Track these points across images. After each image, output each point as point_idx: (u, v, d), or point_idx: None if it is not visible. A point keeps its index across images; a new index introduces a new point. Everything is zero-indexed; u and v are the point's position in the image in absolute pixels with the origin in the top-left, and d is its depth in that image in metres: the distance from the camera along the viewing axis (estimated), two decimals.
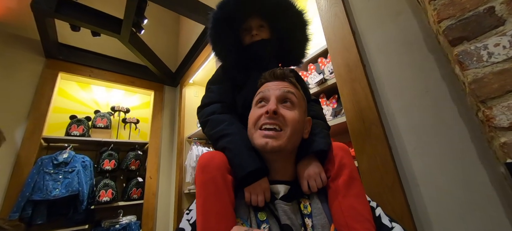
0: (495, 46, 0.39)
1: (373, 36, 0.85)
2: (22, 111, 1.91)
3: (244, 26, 0.72)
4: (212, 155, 0.51)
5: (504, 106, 0.38)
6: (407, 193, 0.69)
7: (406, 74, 0.74)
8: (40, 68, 2.07)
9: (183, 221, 0.48)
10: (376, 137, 0.77)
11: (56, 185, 1.86)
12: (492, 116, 0.39)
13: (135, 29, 1.93)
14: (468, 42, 0.42)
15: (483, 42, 0.41)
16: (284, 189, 0.49)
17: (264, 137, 0.47)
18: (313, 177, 0.50)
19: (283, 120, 0.49)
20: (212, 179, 0.46)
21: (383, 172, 0.74)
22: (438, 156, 0.65)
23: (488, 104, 0.40)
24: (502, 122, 0.38)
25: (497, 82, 0.38)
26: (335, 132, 1.12)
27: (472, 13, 0.42)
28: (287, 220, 0.44)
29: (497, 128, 0.38)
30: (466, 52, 0.42)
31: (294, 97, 0.52)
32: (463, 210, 0.59)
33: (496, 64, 0.39)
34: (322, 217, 0.47)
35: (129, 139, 2.51)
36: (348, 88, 0.88)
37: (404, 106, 0.74)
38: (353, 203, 0.46)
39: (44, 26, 1.77)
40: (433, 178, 0.65)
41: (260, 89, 0.56)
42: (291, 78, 0.56)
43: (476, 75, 0.41)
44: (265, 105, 0.51)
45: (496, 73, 0.39)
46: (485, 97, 0.40)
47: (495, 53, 0.39)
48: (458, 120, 0.62)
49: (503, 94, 0.38)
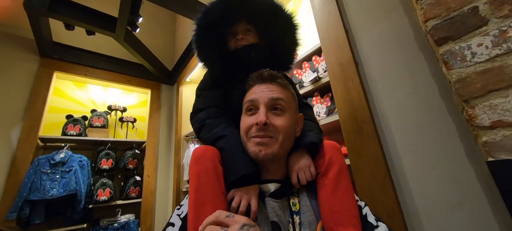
0: (478, 46, 0.40)
1: (366, 34, 0.86)
2: (18, 111, 1.90)
3: (230, 30, 0.69)
4: (206, 148, 0.53)
5: (485, 106, 0.38)
6: (398, 190, 0.71)
7: (398, 73, 0.75)
8: (35, 68, 2.05)
9: (174, 216, 0.48)
10: (368, 135, 0.78)
11: (53, 184, 1.86)
12: (474, 115, 0.40)
13: (130, 27, 1.91)
14: (453, 42, 0.43)
15: (467, 42, 0.41)
16: (274, 187, 0.50)
17: (257, 144, 0.48)
18: (303, 170, 0.51)
19: (274, 129, 0.49)
20: (205, 170, 0.48)
21: (375, 170, 0.75)
22: (427, 153, 0.66)
23: (471, 104, 0.40)
24: (484, 121, 0.38)
25: (479, 82, 0.39)
26: (328, 130, 1.13)
27: (457, 13, 0.42)
28: (275, 217, 0.45)
29: (479, 127, 0.39)
30: (451, 52, 0.43)
31: (283, 102, 0.51)
32: (451, 206, 0.61)
33: (479, 64, 0.40)
34: (310, 214, 0.48)
35: (127, 138, 2.51)
36: (341, 86, 0.88)
37: (396, 104, 0.75)
38: (341, 199, 0.47)
39: (38, 25, 1.75)
40: (422, 175, 0.66)
41: (248, 95, 0.54)
42: (280, 80, 0.54)
43: (460, 75, 0.41)
44: (255, 113, 0.50)
45: (479, 73, 0.39)
46: (468, 96, 0.40)
47: (478, 53, 0.40)
48: (447, 117, 0.63)
49: (485, 94, 0.38)
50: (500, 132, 0.37)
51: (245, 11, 0.67)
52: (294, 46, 0.72)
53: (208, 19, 0.64)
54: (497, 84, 0.37)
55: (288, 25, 0.70)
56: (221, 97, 0.65)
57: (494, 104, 0.37)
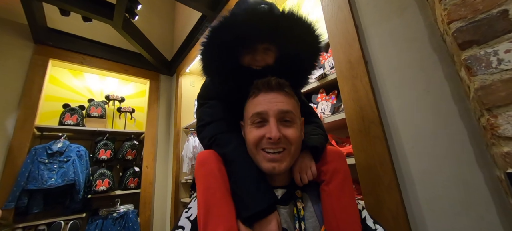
0: (505, 53, 0.38)
1: (377, 32, 0.83)
2: (13, 100, 1.85)
3: (248, 45, 0.59)
4: (209, 152, 0.53)
5: (510, 115, 0.37)
6: (403, 192, 0.70)
7: (409, 73, 0.73)
8: (29, 54, 1.98)
9: (183, 219, 0.48)
10: (375, 136, 0.77)
11: (51, 174, 1.84)
12: (496, 125, 0.38)
13: (128, 15, 1.85)
14: (478, 47, 0.41)
15: (493, 47, 0.39)
16: (281, 193, 0.51)
17: (269, 161, 0.47)
18: (304, 170, 0.53)
19: (286, 140, 0.48)
20: (210, 172, 0.49)
21: (381, 171, 0.74)
22: (435, 156, 0.65)
23: (494, 113, 0.39)
24: (507, 131, 0.37)
25: (505, 91, 0.37)
26: (333, 128, 1.12)
27: (485, 15, 0.40)
28: (284, 224, 0.47)
29: (501, 137, 0.38)
30: (475, 57, 0.41)
31: (292, 115, 0.50)
32: (457, 210, 0.61)
33: (505, 72, 0.38)
34: (314, 220, 0.50)
35: (125, 129, 2.48)
36: (349, 85, 0.86)
37: (405, 105, 0.73)
38: (345, 207, 0.49)
39: (31, 10, 1.68)
40: (429, 178, 0.66)
41: (255, 106, 0.51)
42: (287, 88, 0.52)
43: (483, 82, 0.40)
44: (263, 124, 0.49)
45: (505, 81, 0.38)
46: (491, 105, 0.39)
47: (505, 60, 0.38)
48: (458, 121, 0.61)
49: (510, 103, 0.37)
50: None
51: (271, 35, 0.57)
52: (311, 69, 0.64)
53: (229, 35, 0.54)
54: None
55: (312, 48, 0.60)
56: (229, 107, 0.60)
57: None
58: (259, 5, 0.58)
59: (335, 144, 1.06)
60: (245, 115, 0.54)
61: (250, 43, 0.57)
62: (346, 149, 0.97)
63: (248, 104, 0.53)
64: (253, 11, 0.55)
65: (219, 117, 0.60)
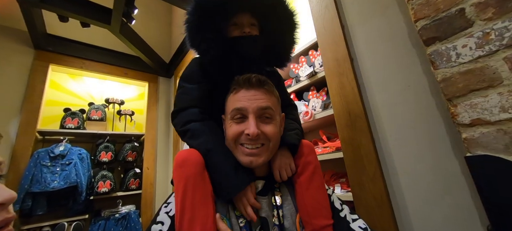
0: (463, 47, 0.42)
1: (362, 30, 0.87)
2: (15, 105, 1.89)
3: (234, 21, 0.64)
4: (188, 152, 0.52)
5: (466, 104, 0.41)
6: (387, 181, 0.74)
7: (391, 69, 0.77)
8: (29, 60, 2.03)
9: (162, 214, 0.47)
10: (361, 130, 0.80)
11: (54, 177, 1.89)
12: (456, 113, 0.42)
13: (125, 19, 1.88)
14: (440, 42, 0.44)
15: (453, 43, 0.43)
16: (261, 184, 0.54)
17: (248, 155, 0.49)
18: (284, 167, 0.56)
19: (265, 136, 0.50)
20: (191, 175, 0.47)
21: (366, 162, 0.78)
22: (415, 147, 0.69)
23: (454, 102, 0.42)
24: (464, 119, 0.41)
25: (462, 82, 0.41)
26: (324, 124, 1.15)
27: (445, 14, 0.44)
28: (264, 213, 0.50)
29: (460, 124, 0.41)
30: (438, 52, 0.44)
31: (271, 111, 0.51)
32: (435, 197, 0.64)
33: (462, 65, 0.41)
34: (291, 207, 0.54)
35: (125, 131, 2.52)
36: (336, 82, 0.90)
37: (388, 100, 0.77)
38: (314, 195, 0.53)
39: (31, 17, 1.72)
40: (410, 167, 0.70)
41: (234, 101, 0.52)
42: (267, 86, 0.53)
43: (445, 74, 0.43)
44: (242, 120, 0.50)
45: (462, 73, 0.41)
46: (451, 95, 0.42)
47: (462, 54, 0.42)
48: (435, 113, 0.65)
49: (466, 93, 0.41)
50: (478, 129, 0.39)
51: (250, 4, 0.64)
52: (291, 45, 0.71)
53: (210, 4, 0.58)
54: (478, 84, 0.39)
55: (289, 22, 0.68)
56: (206, 93, 0.61)
57: (474, 103, 0.40)
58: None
59: (327, 139, 1.10)
60: (226, 110, 0.55)
61: (233, 17, 0.63)
62: (336, 144, 1.01)
63: (228, 100, 0.54)
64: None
65: (194, 103, 0.59)
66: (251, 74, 0.52)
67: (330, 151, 1.02)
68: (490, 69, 0.38)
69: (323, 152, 1.05)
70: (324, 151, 1.05)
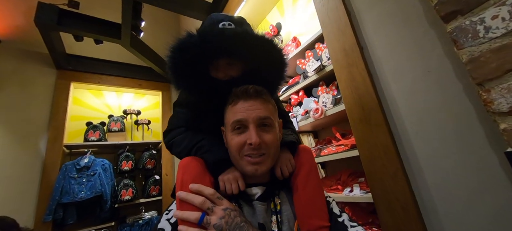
0: (493, 19, 0.34)
1: (370, 15, 0.79)
2: (42, 122, 2.05)
3: (213, 63, 0.60)
4: (191, 158, 0.55)
5: (503, 88, 0.33)
6: (411, 180, 0.66)
7: (407, 54, 0.69)
8: (53, 80, 2.18)
9: (163, 221, 0.49)
10: (376, 124, 0.73)
11: (81, 188, 2.01)
12: (490, 100, 0.34)
13: (134, 32, 1.95)
14: (463, 17, 0.37)
15: (479, 15, 0.35)
16: (260, 190, 0.53)
17: (252, 164, 0.51)
18: (284, 163, 0.57)
19: (266, 146, 0.51)
20: (192, 179, 0.50)
21: (385, 160, 0.70)
22: (442, 139, 0.60)
23: (486, 87, 0.35)
24: (501, 106, 0.33)
25: (495, 62, 0.33)
26: (336, 120, 1.08)
27: None
28: (261, 219, 0.50)
29: (495, 113, 0.34)
30: (461, 28, 0.37)
31: (270, 120, 0.53)
32: (471, 195, 0.56)
33: (494, 40, 0.34)
34: (289, 213, 0.53)
35: (143, 140, 2.61)
36: (345, 73, 0.83)
37: (405, 88, 0.69)
38: (310, 195, 0.53)
39: (50, 39, 1.84)
40: (437, 163, 0.61)
41: (234, 113, 0.52)
42: (264, 95, 0.54)
43: (472, 54, 0.36)
44: (243, 131, 0.51)
45: (495, 51, 0.34)
46: (482, 79, 0.35)
47: (493, 27, 0.34)
48: (464, 99, 0.56)
49: (502, 74, 0.33)
50: None
51: (227, 51, 0.57)
52: (279, 81, 0.64)
53: (185, 58, 0.56)
54: None
55: (275, 61, 0.61)
56: (194, 115, 0.63)
57: None
58: (222, 22, 0.59)
59: (341, 137, 1.02)
60: (226, 122, 0.56)
61: (210, 59, 0.58)
62: (352, 141, 0.93)
63: (228, 112, 0.55)
64: (205, 33, 0.56)
65: (180, 124, 0.64)
66: (248, 86, 0.53)
67: (345, 149, 0.95)
68: None
69: (338, 151, 0.98)
70: (338, 149, 0.98)
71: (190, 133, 0.61)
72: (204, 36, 0.55)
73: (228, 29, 0.57)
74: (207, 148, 0.56)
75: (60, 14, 1.71)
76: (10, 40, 2.10)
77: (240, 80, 0.56)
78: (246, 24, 0.65)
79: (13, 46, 2.10)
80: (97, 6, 2.42)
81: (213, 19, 0.61)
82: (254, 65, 0.58)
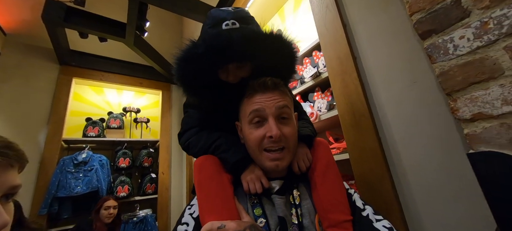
0: (460, 39, 0.40)
1: (363, 28, 0.85)
2: (43, 116, 2.07)
3: (221, 68, 0.58)
4: (206, 157, 0.56)
5: (467, 98, 0.38)
6: (396, 182, 0.71)
7: (395, 65, 0.74)
8: (55, 75, 2.21)
9: (186, 216, 0.50)
10: (366, 129, 0.78)
11: (77, 182, 2.02)
12: (456, 108, 0.40)
13: (138, 32, 2.00)
14: (437, 35, 0.43)
15: (450, 35, 0.41)
16: (278, 184, 0.53)
17: (272, 160, 0.50)
18: (301, 158, 0.56)
19: (286, 139, 0.51)
20: (209, 177, 0.51)
21: (373, 163, 0.75)
22: (425, 145, 0.65)
23: (453, 97, 0.40)
24: (465, 114, 0.38)
25: (461, 75, 0.39)
26: (329, 125, 1.13)
27: (441, 5, 0.42)
28: (281, 213, 0.49)
29: (461, 119, 0.39)
30: (435, 45, 0.43)
31: (288, 109, 0.52)
32: (449, 198, 0.60)
33: (460, 57, 0.39)
34: (309, 206, 0.53)
35: (141, 138, 2.64)
36: (339, 81, 0.89)
37: (393, 97, 0.74)
38: (329, 189, 0.52)
39: (56, 35, 1.88)
40: (420, 167, 0.66)
41: (251, 104, 0.52)
42: (282, 87, 0.54)
43: (442, 68, 0.41)
44: (262, 124, 0.51)
45: (461, 66, 0.39)
46: (450, 90, 0.40)
47: (460, 46, 0.39)
48: (443, 109, 0.62)
49: (466, 86, 0.38)
50: (480, 124, 0.37)
51: (237, 57, 0.54)
52: (289, 77, 0.64)
53: (194, 68, 0.54)
54: (478, 76, 0.36)
55: (285, 56, 0.60)
56: (207, 114, 0.64)
57: (475, 97, 0.37)
58: (225, 21, 0.54)
59: (334, 141, 1.07)
60: (242, 115, 0.55)
61: (219, 67, 0.57)
62: (343, 144, 0.98)
63: (244, 105, 0.54)
64: (211, 40, 0.52)
65: (194, 124, 0.65)
66: (266, 78, 0.53)
67: (337, 153, 1.00)
68: (490, 60, 0.35)
69: None
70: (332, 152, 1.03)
71: (204, 132, 0.61)
72: (211, 44, 0.51)
73: (235, 31, 0.52)
74: (224, 147, 0.55)
75: (67, 11, 1.76)
76: (15, 34, 2.14)
77: (250, 80, 0.55)
78: (250, 18, 0.59)
79: (18, 40, 2.13)
80: (102, 3, 2.47)
81: (214, 18, 0.57)
82: (264, 63, 0.57)
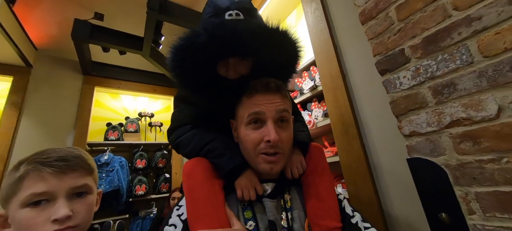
0: (403, 78, 0.55)
1: (351, 50, 1.00)
2: (70, 122, 2.31)
3: (221, 60, 0.54)
4: (197, 161, 0.52)
5: (406, 120, 0.54)
6: (376, 181, 0.86)
7: (376, 84, 0.89)
8: (79, 85, 2.46)
9: (174, 217, 0.47)
10: (352, 137, 0.93)
11: (101, 182, 2.25)
12: (401, 127, 0.55)
13: (154, 45, 2.21)
14: (389, 73, 0.58)
15: (397, 74, 0.57)
16: (270, 187, 0.52)
17: (268, 162, 0.48)
18: (295, 164, 0.55)
19: (282, 144, 0.49)
20: (200, 184, 0.48)
21: (358, 165, 0.91)
22: (397, 152, 0.81)
23: (399, 119, 0.56)
24: (406, 131, 0.54)
25: (403, 104, 0.54)
26: (326, 131, 1.29)
27: (392, 52, 0.57)
28: (272, 216, 0.48)
29: (404, 135, 0.55)
30: (388, 80, 0.58)
31: (287, 113, 0.51)
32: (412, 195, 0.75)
33: (403, 91, 0.55)
34: (300, 210, 0.52)
35: (156, 140, 2.86)
36: (331, 95, 1.04)
37: (375, 111, 0.89)
38: (322, 195, 0.52)
39: (82, 50, 2.11)
40: (395, 168, 0.81)
41: (251, 105, 0.50)
42: (283, 91, 0.52)
43: (393, 97, 0.57)
44: (260, 126, 0.49)
45: (403, 97, 0.55)
46: (397, 114, 0.56)
47: (403, 83, 0.55)
48: None
49: (406, 112, 0.54)
50: (414, 138, 0.52)
51: (241, 50, 0.51)
52: (291, 73, 0.61)
53: (193, 58, 0.50)
54: (413, 105, 0.52)
55: (289, 55, 0.56)
56: (199, 110, 0.60)
57: (411, 119, 0.52)
58: (228, 11, 0.51)
59: (329, 145, 1.23)
60: (239, 114, 0.52)
61: (219, 59, 0.53)
62: (335, 149, 1.14)
63: (242, 104, 0.51)
64: (215, 31, 0.48)
65: (186, 121, 0.60)
66: (269, 79, 0.51)
67: (331, 155, 1.15)
68: (420, 94, 0.51)
69: (326, 156, 1.19)
70: (326, 155, 1.19)
71: (197, 131, 0.57)
72: (214, 34, 0.47)
73: (240, 23, 0.50)
74: (219, 151, 0.52)
75: (92, 29, 1.98)
76: (45, 48, 2.39)
77: (251, 77, 0.53)
78: (254, 9, 0.56)
79: (47, 53, 2.39)
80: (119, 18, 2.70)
81: (216, 6, 0.53)
82: (267, 60, 0.53)
